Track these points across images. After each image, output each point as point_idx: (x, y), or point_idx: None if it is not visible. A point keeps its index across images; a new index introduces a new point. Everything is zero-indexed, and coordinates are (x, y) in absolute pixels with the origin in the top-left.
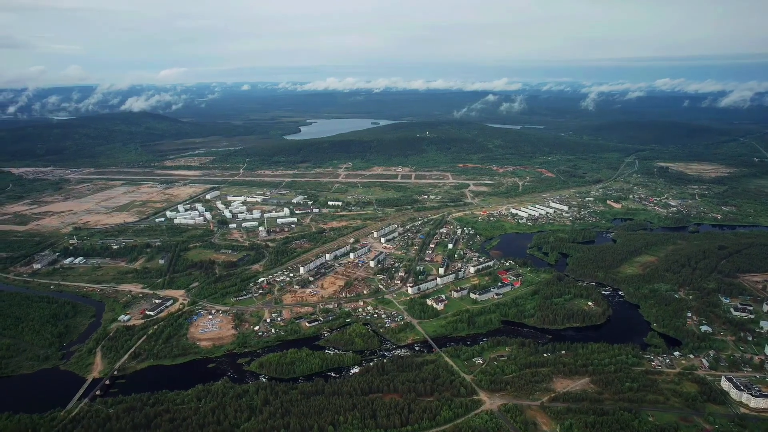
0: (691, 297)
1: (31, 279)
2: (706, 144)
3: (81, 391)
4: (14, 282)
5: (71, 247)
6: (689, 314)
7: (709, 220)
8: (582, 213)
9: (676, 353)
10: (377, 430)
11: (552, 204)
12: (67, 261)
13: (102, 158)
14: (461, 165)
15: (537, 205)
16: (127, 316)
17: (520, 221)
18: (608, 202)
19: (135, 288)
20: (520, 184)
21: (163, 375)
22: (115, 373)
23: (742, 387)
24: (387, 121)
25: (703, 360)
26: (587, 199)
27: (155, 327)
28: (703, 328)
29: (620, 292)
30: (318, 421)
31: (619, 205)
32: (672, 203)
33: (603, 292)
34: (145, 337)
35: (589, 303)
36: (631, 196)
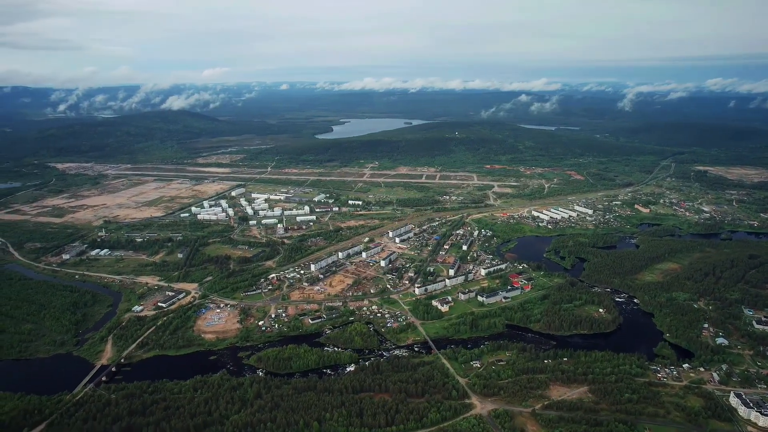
0: (710, 307)
1: (59, 269)
2: (752, 147)
3: (88, 377)
4: (43, 271)
5: (99, 240)
6: (705, 325)
7: (745, 227)
8: (606, 217)
9: (685, 365)
10: (362, 428)
11: (576, 207)
12: (93, 252)
13: (140, 155)
14: (488, 166)
15: (560, 208)
16: (140, 307)
17: (540, 224)
18: (636, 206)
19: (152, 280)
20: (546, 186)
21: (166, 365)
22: (122, 360)
23: (751, 404)
24: (420, 121)
25: (714, 374)
26: (614, 202)
27: (164, 318)
28: (719, 340)
29: (635, 300)
30: (304, 416)
31: (648, 210)
32: (705, 209)
33: (617, 299)
34: (154, 327)
35: (600, 310)
36: (661, 201)
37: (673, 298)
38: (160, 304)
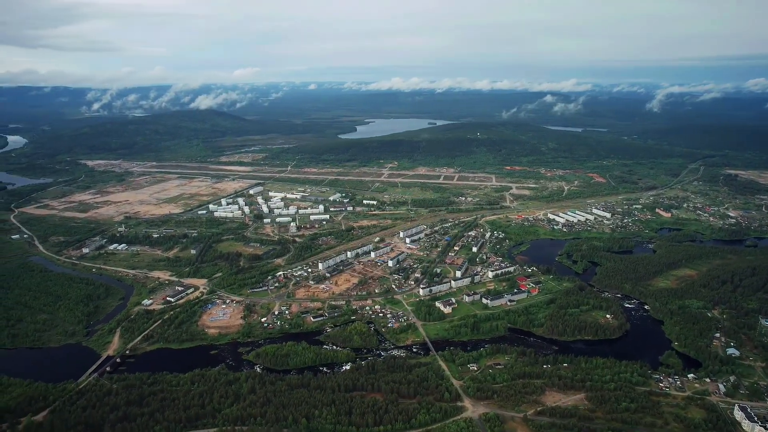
0: (725, 316)
1: (78, 262)
2: None
3: (94, 367)
4: (64, 264)
5: (118, 234)
6: (717, 334)
7: None
8: (625, 221)
9: (690, 375)
10: (350, 427)
11: (594, 210)
12: (111, 247)
13: (166, 153)
14: (508, 167)
15: (577, 211)
16: (150, 301)
17: (555, 227)
18: (657, 210)
19: (164, 275)
20: (566, 188)
21: (168, 358)
22: (127, 352)
23: (756, 419)
24: (444, 121)
25: (720, 385)
26: (634, 206)
27: (171, 312)
28: (729, 350)
29: (646, 307)
30: (294, 412)
31: (669, 214)
32: (731, 214)
33: (626, 306)
34: (160, 321)
35: (607, 316)
36: (685, 205)
37: (685, 305)
38: (168, 298)
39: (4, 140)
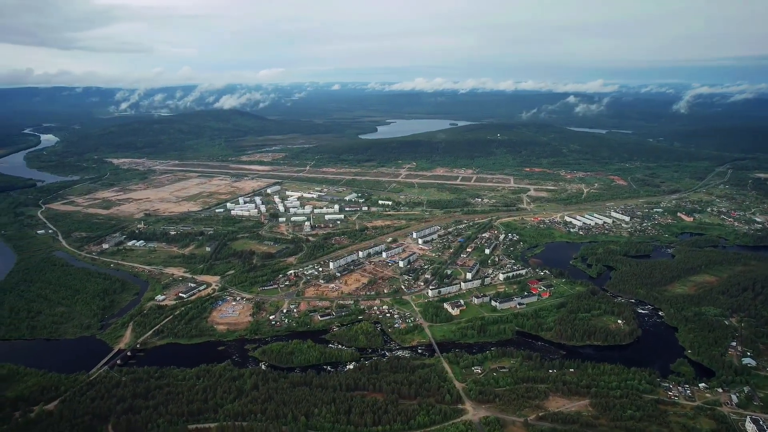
0: (743, 325)
1: (97, 257)
2: None
3: (105, 359)
4: (84, 259)
5: (137, 231)
6: (733, 343)
7: None
8: (644, 225)
9: (701, 385)
10: (348, 426)
11: (612, 213)
12: (129, 243)
13: (188, 152)
14: (528, 169)
15: (595, 214)
16: (163, 297)
17: (571, 230)
18: (679, 214)
19: (178, 271)
20: (585, 191)
21: (177, 352)
22: (137, 346)
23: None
24: (466, 122)
25: (733, 396)
26: (655, 210)
27: (182, 308)
28: (745, 360)
29: (660, 313)
30: (294, 410)
31: (691, 219)
32: (758, 219)
33: (639, 311)
34: (171, 316)
35: (618, 321)
36: (708, 209)
37: (701, 312)
38: (181, 294)
39: (37, 139)
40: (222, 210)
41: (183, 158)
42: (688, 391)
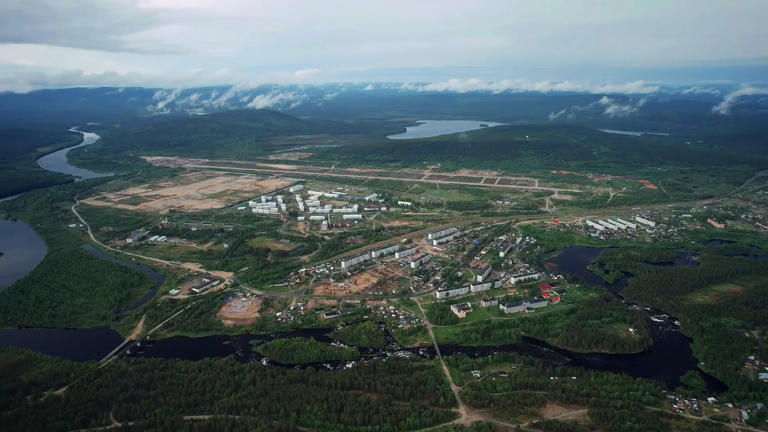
0: (765, 338)
1: (120, 251)
2: None
3: (116, 350)
4: (108, 252)
5: (160, 227)
6: (751, 357)
7: None
8: (670, 231)
9: (710, 399)
10: (338, 424)
11: (637, 218)
12: (152, 238)
13: (219, 150)
14: (554, 171)
15: (619, 219)
16: (176, 291)
17: (592, 234)
18: (709, 220)
19: (194, 267)
20: (612, 194)
21: (184, 345)
22: (147, 337)
23: None
24: (497, 123)
25: (743, 412)
26: (683, 215)
27: (194, 303)
28: (763, 375)
29: (676, 322)
30: (286, 406)
31: (722, 225)
32: None
33: (654, 320)
34: (182, 310)
35: (630, 329)
36: (742, 216)
37: (720, 323)
38: (194, 289)
39: (80, 137)
40: (244, 208)
41: (213, 157)
42: (695, 405)
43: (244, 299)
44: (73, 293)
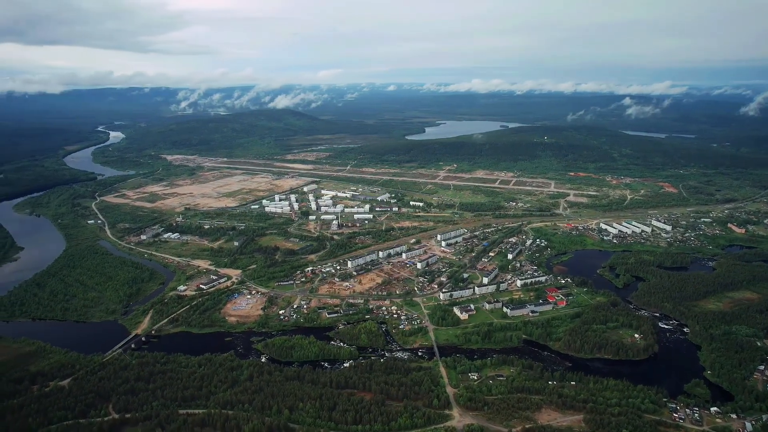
0: None
1: (134, 247)
2: None
3: (121, 343)
4: (123, 248)
5: (174, 224)
6: (761, 367)
7: None
8: (686, 235)
9: (713, 408)
10: (329, 422)
11: (653, 222)
12: (165, 235)
13: (238, 149)
14: (572, 173)
15: (634, 222)
16: (184, 287)
17: (605, 237)
18: (729, 225)
19: (204, 264)
20: (629, 197)
21: (187, 340)
22: (152, 332)
23: None
24: (517, 124)
25: (747, 423)
26: (702, 219)
27: (200, 299)
28: None
29: (685, 329)
30: (279, 402)
31: (742, 230)
32: None
33: (662, 326)
34: (188, 306)
35: (635, 335)
36: (766, 221)
37: (731, 331)
38: (201, 286)
39: (107, 135)
40: (257, 206)
41: (232, 156)
42: (697, 415)
43: (249, 297)
44: (85, 287)
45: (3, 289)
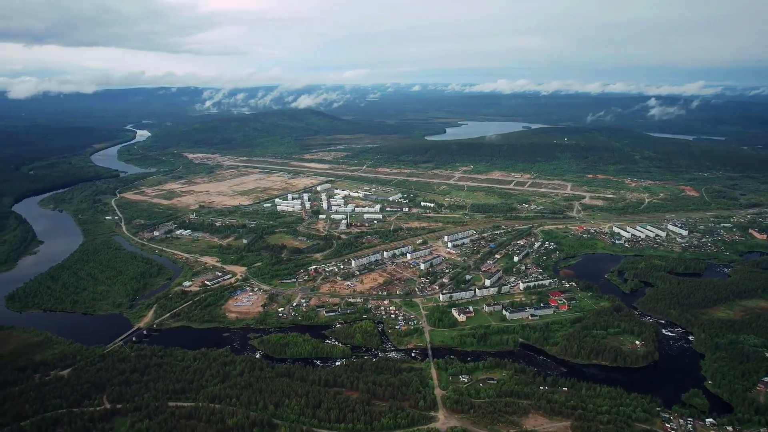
0: None
1: (147, 243)
2: None
3: (123, 336)
4: (136, 244)
5: (187, 221)
6: (766, 378)
7: None
8: (703, 240)
9: (709, 420)
10: (312, 420)
11: (669, 226)
12: (177, 232)
13: (258, 149)
14: (590, 176)
15: (648, 226)
16: (189, 283)
17: (616, 241)
18: (750, 230)
19: (211, 260)
20: (647, 200)
21: (186, 335)
22: (154, 326)
23: None
24: (541, 125)
25: None
26: (722, 224)
27: (203, 295)
28: None
29: (690, 337)
30: (266, 398)
31: (764, 236)
32: None
33: (667, 334)
34: (191, 302)
35: (637, 342)
36: None
37: (738, 340)
38: (206, 282)
39: (133, 134)
40: (269, 205)
41: (251, 155)
42: (690, 426)
43: (251, 294)
44: (96, 281)
45: (20, 281)
